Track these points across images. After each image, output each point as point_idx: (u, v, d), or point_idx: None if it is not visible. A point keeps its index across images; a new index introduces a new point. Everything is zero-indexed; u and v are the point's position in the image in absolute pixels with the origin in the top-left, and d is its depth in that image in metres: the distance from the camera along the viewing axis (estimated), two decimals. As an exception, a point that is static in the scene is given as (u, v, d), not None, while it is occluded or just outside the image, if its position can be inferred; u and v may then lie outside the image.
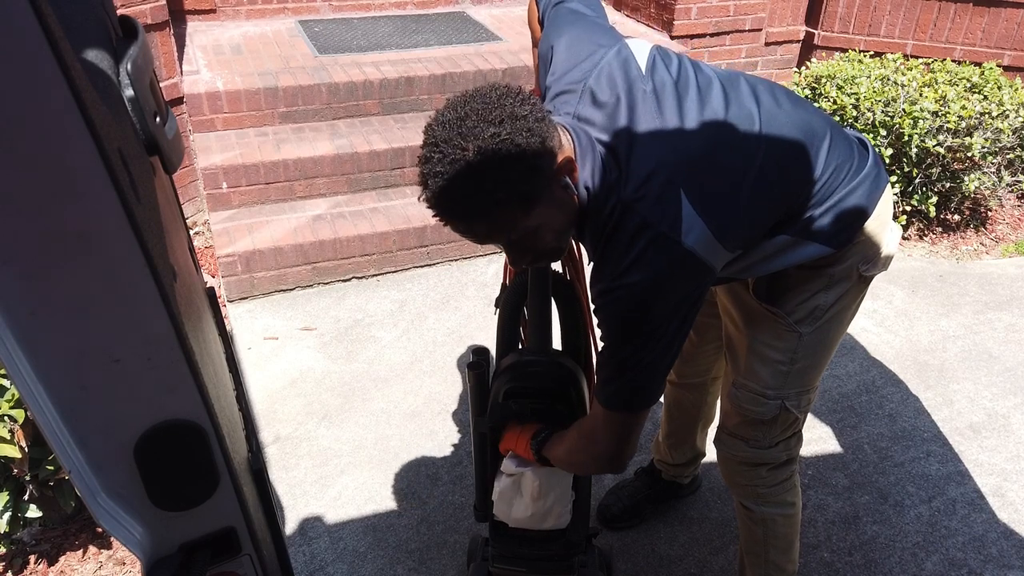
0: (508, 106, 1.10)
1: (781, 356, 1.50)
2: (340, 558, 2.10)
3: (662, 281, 1.18)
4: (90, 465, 0.68)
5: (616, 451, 1.32)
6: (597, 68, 1.28)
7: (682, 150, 1.22)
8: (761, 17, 4.56)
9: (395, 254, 3.32)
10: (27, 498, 1.99)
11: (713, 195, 1.20)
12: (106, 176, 0.55)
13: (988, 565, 2.11)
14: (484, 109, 1.09)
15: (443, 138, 1.09)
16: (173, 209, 0.85)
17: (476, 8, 4.84)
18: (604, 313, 1.24)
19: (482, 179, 1.09)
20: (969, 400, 2.69)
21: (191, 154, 3.46)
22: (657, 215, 1.17)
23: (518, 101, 1.11)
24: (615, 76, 1.27)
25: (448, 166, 1.08)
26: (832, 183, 1.34)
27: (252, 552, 0.83)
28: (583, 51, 1.33)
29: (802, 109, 1.36)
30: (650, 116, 1.23)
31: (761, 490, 1.69)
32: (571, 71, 1.32)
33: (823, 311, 1.46)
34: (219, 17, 4.30)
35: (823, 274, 1.43)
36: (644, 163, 1.19)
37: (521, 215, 1.14)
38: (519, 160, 1.09)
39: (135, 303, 0.62)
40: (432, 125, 1.13)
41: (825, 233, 1.36)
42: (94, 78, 0.58)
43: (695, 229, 1.17)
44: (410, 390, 2.70)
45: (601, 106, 1.25)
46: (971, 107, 3.38)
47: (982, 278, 3.41)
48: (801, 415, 1.59)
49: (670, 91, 1.26)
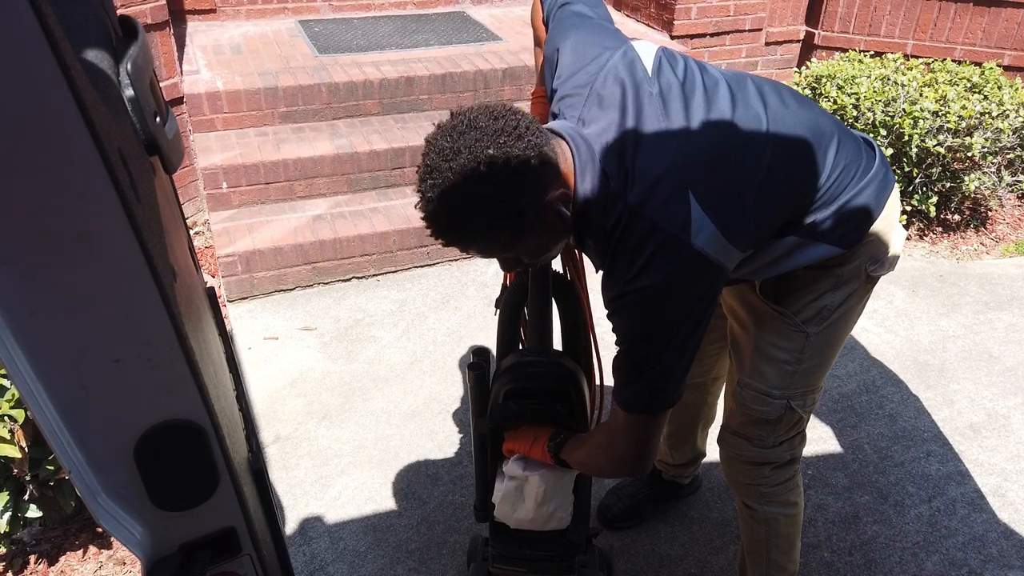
0: (501, 144, 1.09)
1: (787, 356, 1.50)
2: (340, 558, 2.10)
3: (674, 283, 1.18)
4: (90, 465, 0.67)
5: (637, 454, 1.33)
6: (603, 71, 1.28)
7: (689, 152, 1.22)
8: (761, 17, 4.56)
9: (395, 254, 3.32)
10: (27, 498, 1.99)
11: (721, 195, 1.20)
12: (106, 176, 0.55)
13: (988, 565, 2.10)
14: (476, 145, 1.09)
15: (435, 165, 1.11)
16: (173, 209, 0.85)
17: (476, 8, 4.84)
18: (618, 318, 1.25)
19: (470, 215, 1.12)
20: (969, 400, 2.69)
21: (191, 154, 3.46)
22: (666, 218, 1.17)
23: (513, 137, 1.10)
24: (621, 79, 1.27)
25: (439, 197, 1.11)
26: (840, 183, 1.34)
27: (252, 552, 0.83)
28: (589, 54, 1.33)
29: (809, 110, 1.36)
30: (656, 118, 1.23)
31: (764, 489, 1.69)
32: (577, 74, 1.32)
33: (830, 311, 1.46)
34: (219, 17, 4.30)
35: (831, 274, 1.43)
36: (650, 166, 1.19)
37: (511, 243, 1.18)
38: (505, 203, 1.11)
39: (135, 303, 0.62)
40: (429, 146, 1.14)
41: (834, 233, 1.36)
42: (94, 78, 0.58)
43: (705, 230, 1.17)
44: (410, 390, 2.70)
45: (607, 109, 1.25)
46: (971, 107, 3.38)
47: (982, 278, 3.41)
48: (806, 415, 1.59)
49: (676, 93, 1.26)
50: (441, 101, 3.83)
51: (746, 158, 1.25)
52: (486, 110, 1.14)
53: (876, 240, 1.42)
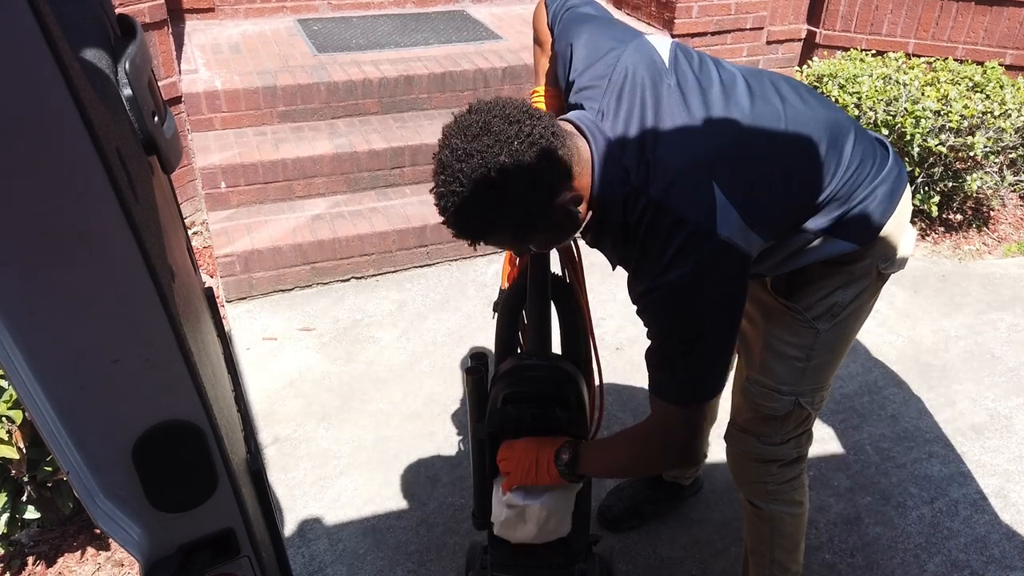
0: (514, 151, 1.10)
1: (798, 352, 1.50)
2: (339, 560, 2.10)
3: (703, 274, 1.19)
4: (88, 466, 0.67)
5: (694, 443, 1.33)
6: (620, 62, 1.29)
7: (710, 144, 1.23)
8: (762, 16, 4.55)
9: (394, 254, 3.31)
10: (25, 499, 1.98)
11: (743, 186, 1.21)
12: (104, 176, 0.55)
13: (990, 566, 2.10)
14: (489, 152, 1.10)
15: (448, 164, 1.12)
16: (171, 209, 0.85)
17: (476, 7, 4.83)
18: (650, 314, 1.26)
19: (479, 216, 1.15)
20: (971, 401, 2.69)
21: (189, 154, 3.46)
22: (691, 209, 1.17)
23: (527, 143, 1.11)
24: (639, 70, 1.27)
25: (450, 195, 1.13)
26: (857, 179, 1.35)
27: (251, 553, 0.83)
28: (604, 46, 1.33)
29: (825, 106, 1.38)
30: (676, 110, 1.24)
31: (770, 487, 1.68)
32: (594, 65, 1.32)
33: (841, 308, 1.46)
34: (218, 16, 4.30)
35: (843, 271, 1.43)
36: (672, 158, 1.20)
37: (519, 239, 1.22)
38: (513, 207, 1.14)
39: (133, 303, 0.62)
40: (444, 141, 1.15)
41: (850, 229, 1.37)
42: (92, 77, 0.57)
43: (730, 220, 1.18)
44: (409, 391, 2.69)
45: (625, 100, 1.25)
46: (973, 106, 3.37)
47: (984, 278, 3.41)
48: (814, 411, 1.59)
49: (693, 85, 1.27)
50: (441, 100, 3.83)
51: (765, 151, 1.27)
52: (502, 112, 1.14)
53: (888, 238, 1.42)
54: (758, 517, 1.74)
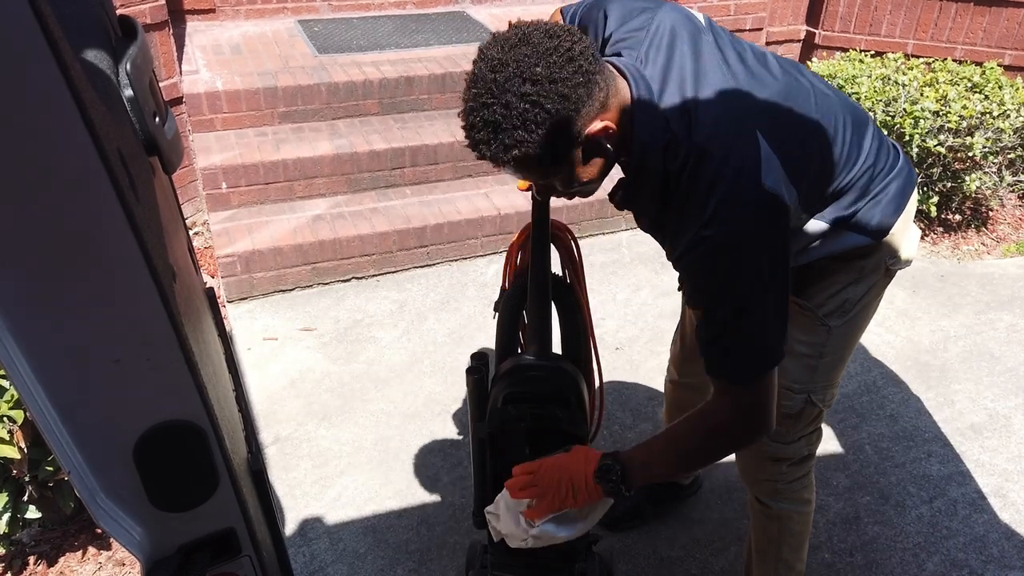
0: (551, 64, 1.07)
1: (809, 350, 1.50)
2: (340, 559, 2.10)
3: (748, 225, 1.15)
4: (89, 466, 0.67)
5: (767, 419, 1.25)
6: (657, 17, 1.28)
7: (751, 97, 1.22)
8: (761, 16, 4.55)
9: (395, 254, 3.31)
10: (26, 499, 1.98)
11: (784, 140, 1.19)
12: (105, 176, 0.55)
13: (989, 566, 2.10)
14: (526, 61, 1.07)
15: (481, 75, 1.09)
16: (172, 209, 0.85)
17: (476, 8, 4.83)
18: (692, 275, 1.21)
19: (507, 130, 1.08)
20: (970, 400, 2.69)
21: (190, 154, 3.46)
22: (737, 156, 1.15)
23: (565, 59, 1.08)
24: (677, 25, 1.27)
25: (480, 107, 1.09)
26: (873, 171, 1.36)
27: (252, 553, 0.83)
28: (637, 7, 1.33)
29: (844, 97, 1.40)
30: (716, 64, 1.24)
31: (780, 486, 1.68)
32: (630, 21, 1.31)
33: (852, 304, 1.46)
34: (218, 17, 4.30)
35: (854, 266, 1.44)
36: (716, 107, 1.19)
37: (544, 166, 1.15)
38: (543, 124, 1.08)
39: (134, 303, 0.62)
40: (480, 54, 1.12)
41: (863, 223, 1.37)
42: (93, 78, 0.57)
43: (773, 170, 1.15)
44: (410, 391, 2.69)
45: (665, 50, 1.24)
46: (972, 107, 3.37)
47: (983, 278, 3.41)
48: (825, 408, 1.59)
49: (729, 46, 1.28)
50: (441, 101, 3.83)
51: (799, 118, 1.26)
52: (543, 27, 1.12)
53: (898, 234, 1.43)
54: (766, 516, 1.74)
